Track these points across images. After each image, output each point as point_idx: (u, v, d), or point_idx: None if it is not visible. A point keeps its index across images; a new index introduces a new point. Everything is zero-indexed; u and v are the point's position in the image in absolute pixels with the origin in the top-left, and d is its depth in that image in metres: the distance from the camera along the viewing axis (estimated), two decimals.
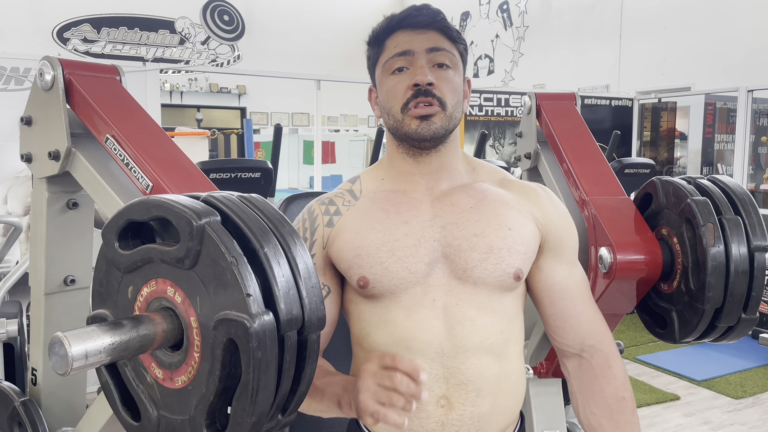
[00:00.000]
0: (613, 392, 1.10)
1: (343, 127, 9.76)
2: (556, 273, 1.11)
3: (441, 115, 1.03)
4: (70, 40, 7.88)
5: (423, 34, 1.04)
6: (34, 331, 1.33)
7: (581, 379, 1.13)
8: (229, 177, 2.83)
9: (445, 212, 1.06)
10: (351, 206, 1.10)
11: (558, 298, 1.11)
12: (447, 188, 1.09)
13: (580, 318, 1.11)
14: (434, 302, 1.03)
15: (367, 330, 1.07)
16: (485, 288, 1.03)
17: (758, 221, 1.26)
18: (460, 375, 1.02)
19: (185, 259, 0.69)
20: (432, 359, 1.02)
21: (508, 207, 1.07)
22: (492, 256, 1.03)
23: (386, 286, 1.03)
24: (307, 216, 1.12)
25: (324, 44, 9.28)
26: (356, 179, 1.15)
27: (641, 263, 1.34)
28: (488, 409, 1.04)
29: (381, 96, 1.08)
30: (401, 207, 1.07)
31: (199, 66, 8.47)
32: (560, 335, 1.13)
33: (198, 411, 0.71)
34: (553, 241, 1.10)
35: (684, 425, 3.21)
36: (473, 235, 1.03)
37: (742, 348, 4.17)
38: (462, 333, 1.03)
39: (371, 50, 1.10)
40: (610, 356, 1.11)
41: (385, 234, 1.04)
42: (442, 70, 1.04)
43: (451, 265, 1.04)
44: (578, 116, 1.68)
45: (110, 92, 1.23)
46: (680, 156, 6.04)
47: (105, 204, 1.17)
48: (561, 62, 7.47)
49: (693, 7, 6.05)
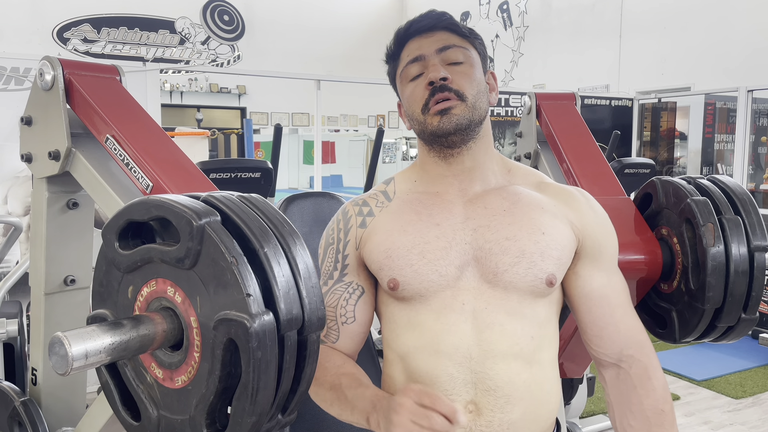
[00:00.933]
0: (653, 405, 1.06)
1: (343, 127, 9.76)
2: (594, 279, 1.07)
3: (461, 106, 1.01)
4: (70, 40, 7.88)
5: (431, 36, 1.05)
6: (34, 331, 1.33)
7: (619, 390, 1.09)
8: (229, 177, 2.83)
9: (478, 215, 1.04)
10: (384, 207, 1.09)
11: (596, 305, 1.07)
12: (480, 190, 1.07)
13: (618, 327, 1.07)
14: (463, 306, 1.01)
15: (397, 332, 1.06)
16: (516, 293, 1.01)
17: (758, 221, 1.26)
18: (488, 381, 1.00)
19: (185, 259, 0.69)
20: (460, 363, 1.01)
21: (542, 211, 1.05)
22: (524, 260, 1.00)
23: (416, 288, 1.02)
24: (341, 217, 1.12)
25: (324, 44, 9.28)
26: (391, 180, 1.15)
27: (641, 263, 1.34)
28: (519, 417, 1.01)
29: (404, 105, 1.08)
30: (433, 209, 1.06)
31: (199, 66, 8.47)
32: (597, 344, 1.09)
33: (198, 411, 0.71)
34: (591, 247, 1.07)
35: (684, 425, 3.21)
36: (505, 239, 1.02)
37: (742, 348, 4.17)
38: (491, 338, 1.01)
39: (390, 67, 1.11)
40: (650, 367, 1.08)
41: (416, 236, 1.03)
42: (457, 66, 1.03)
43: (481, 268, 1.02)
44: (578, 116, 1.68)
45: (110, 92, 1.23)
46: (680, 156, 6.05)
47: (105, 204, 1.17)
48: (561, 62, 7.47)
49: (693, 7, 6.05)
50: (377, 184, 1.16)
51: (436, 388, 1.01)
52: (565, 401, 2.07)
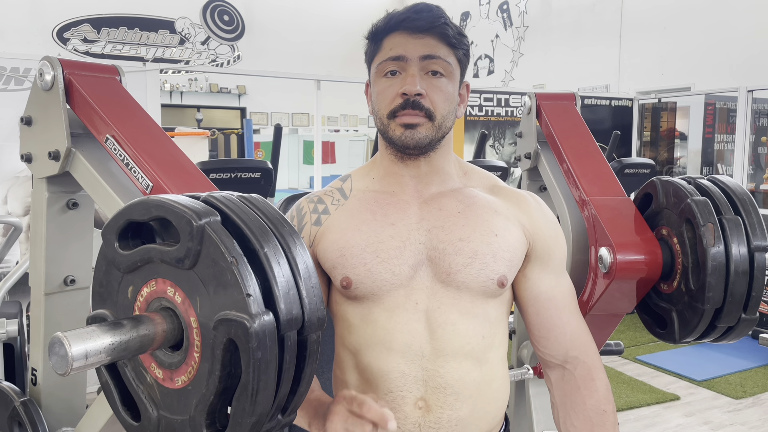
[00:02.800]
0: (595, 405, 1.09)
1: (343, 127, 9.76)
2: (542, 282, 1.10)
3: (427, 125, 1.02)
4: (70, 40, 7.88)
5: (420, 39, 1.02)
6: (34, 331, 1.33)
7: (563, 391, 1.12)
8: (229, 177, 2.83)
9: (432, 216, 1.06)
10: (340, 206, 1.10)
11: (543, 308, 1.10)
12: (436, 192, 1.08)
13: (564, 329, 1.10)
14: (416, 305, 1.03)
15: (349, 330, 1.08)
16: (468, 293, 1.03)
17: (758, 221, 1.26)
18: (438, 378, 1.03)
19: (185, 259, 0.69)
20: (411, 361, 1.03)
21: (495, 213, 1.07)
22: (476, 261, 1.02)
23: (369, 287, 1.03)
24: (295, 213, 1.13)
25: (324, 44, 9.28)
26: (347, 178, 1.15)
27: (641, 263, 1.34)
28: (467, 414, 1.04)
29: (372, 95, 1.08)
30: (388, 209, 1.07)
31: (199, 66, 8.47)
32: (544, 345, 1.12)
33: (198, 411, 0.71)
34: (541, 250, 1.09)
35: (684, 425, 3.21)
36: (458, 240, 1.03)
37: (742, 348, 4.17)
38: (443, 337, 1.03)
39: (369, 45, 1.09)
40: (594, 368, 1.10)
41: (371, 235, 1.04)
42: (435, 78, 1.02)
43: (435, 268, 1.04)
44: (578, 116, 1.68)
45: (110, 92, 1.23)
46: (680, 156, 6.04)
47: (105, 204, 1.17)
48: (561, 62, 7.47)
49: (693, 7, 6.05)
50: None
51: (386, 384, 1.03)
52: None
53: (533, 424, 1.68)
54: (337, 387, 1.13)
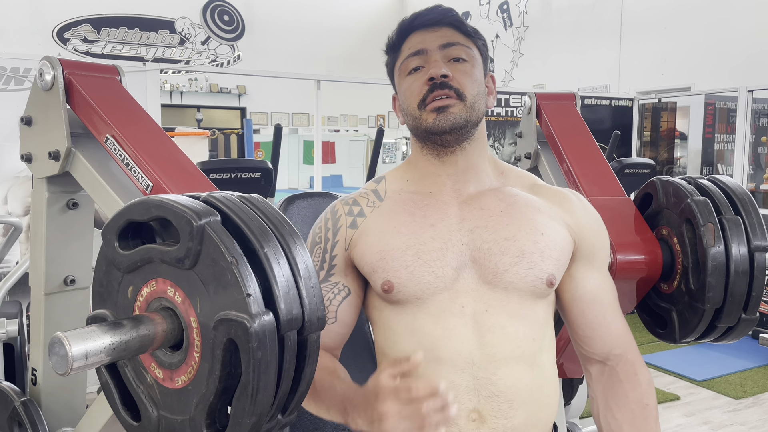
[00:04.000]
0: (638, 398, 1.06)
1: (343, 127, 9.76)
2: (588, 282, 1.07)
3: (459, 105, 0.99)
4: (70, 40, 7.88)
5: (436, 31, 1.02)
6: (34, 331, 1.33)
7: (604, 384, 1.09)
8: (229, 177, 2.83)
9: (474, 215, 1.02)
10: (375, 208, 1.07)
11: (589, 308, 1.07)
12: (475, 191, 1.05)
13: (609, 327, 1.08)
14: (463, 309, 0.99)
15: (393, 339, 1.03)
16: (516, 294, 0.99)
17: (758, 221, 1.26)
18: (491, 386, 0.98)
19: (185, 259, 0.69)
20: (462, 370, 0.98)
21: (539, 212, 1.04)
22: (524, 260, 0.99)
23: (412, 291, 0.99)
24: (330, 216, 1.09)
25: (324, 44, 9.27)
26: (381, 179, 1.12)
27: (641, 263, 1.34)
28: (522, 422, 1.00)
29: (400, 98, 1.06)
30: (427, 210, 1.03)
31: (199, 66, 8.46)
32: (588, 344, 1.09)
33: (198, 411, 0.71)
34: (586, 249, 1.06)
35: (684, 425, 3.21)
36: (504, 239, 1.00)
37: (742, 348, 4.17)
38: (492, 341, 0.98)
39: (389, 58, 1.08)
40: (636, 364, 1.08)
41: (411, 237, 1.01)
42: (459, 64, 1.01)
43: (480, 269, 1.00)
44: (578, 116, 1.68)
45: (110, 92, 1.23)
46: (680, 156, 6.04)
47: (105, 204, 1.17)
48: (561, 62, 7.47)
49: (693, 7, 6.05)
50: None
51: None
52: (565, 401, 2.07)
53: None
54: None
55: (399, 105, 1.08)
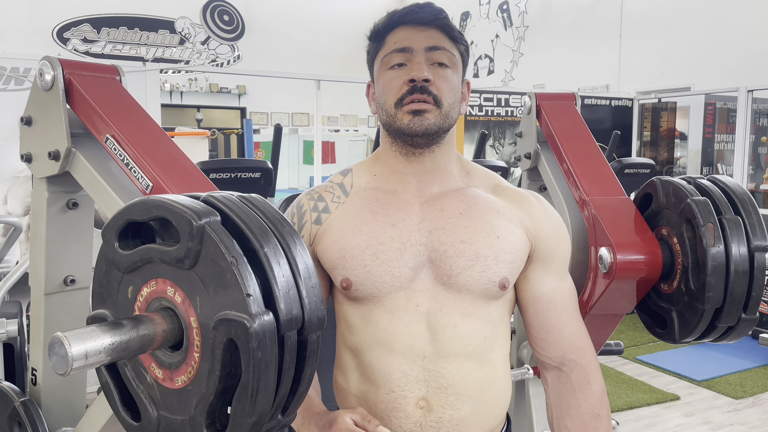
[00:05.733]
0: (590, 409, 1.08)
1: (343, 127, 9.76)
2: (544, 284, 1.09)
3: (435, 112, 1.01)
4: (70, 40, 7.88)
5: (424, 31, 1.03)
6: (34, 331, 1.33)
7: (558, 392, 1.12)
8: (229, 177, 2.83)
9: (434, 216, 1.05)
10: (340, 204, 1.09)
11: (543, 309, 1.10)
12: (438, 192, 1.07)
13: (563, 331, 1.10)
14: (417, 307, 1.03)
15: (351, 330, 1.07)
16: (470, 295, 1.03)
17: (758, 221, 1.26)
18: (440, 378, 1.02)
19: (185, 259, 0.69)
20: (413, 362, 1.02)
21: (498, 214, 1.06)
22: (478, 263, 1.02)
23: (369, 289, 1.03)
24: (296, 211, 1.12)
25: (324, 44, 9.28)
26: (348, 172, 1.14)
27: (641, 263, 1.34)
28: (469, 413, 1.03)
29: (377, 90, 1.07)
30: (390, 209, 1.06)
31: (199, 66, 8.47)
32: (542, 347, 1.11)
33: (198, 411, 0.71)
34: (543, 251, 1.08)
35: (684, 425, 3.21)
36: (460, 242, 1.02)
37: (742, 348, 4.17)
38: (444, 338, 1.02)
39: (371, 45, 1.09)
40: (590, 371, 1.10)
41: (371, 236, 1.03)
42: (441, 69, 1.03)
43: (436, 270, 1.03)
44: (578, 116, 1.68)
45: (110, 92, 1.23)
46: (680, 156, 6.04)
47: (105, 204, 1.17)
48: (561, 62, 7.47)
49: (693, 7, 6.05)
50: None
51: (388, 384, 1.03)
52: None
53: (533, 424, 1.68)
54: (338, 387, 1.13)
55: (374, 95, 1.09)
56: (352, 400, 1.08)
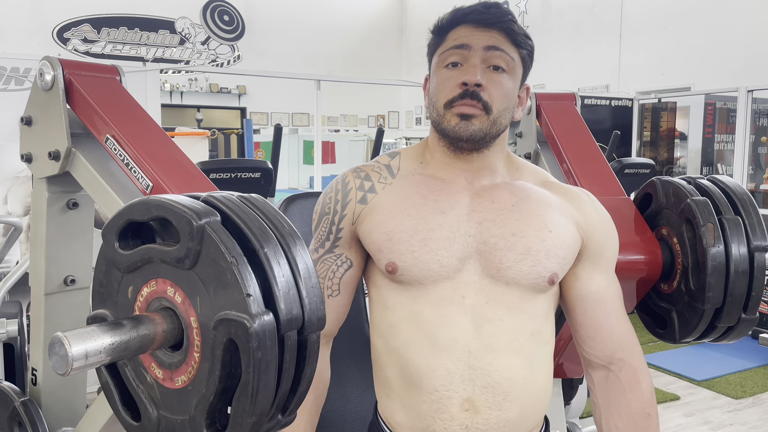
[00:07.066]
0: (640, 408, 1.05)
1: (343, 127, 9.76)
2: (593, 282, 1.06)
3: (483, 118, 0.99)
4: (70, 40, 7.88)
5: (485, 32, 1.00)
6: (34, 331, 1.33)
7: (607, 392, 1.08)
8: (229, 177, 2.83)
9: (484, 208, 1.02)
10: (387, 185, 1.06)
11: (591, 308, 1.06)
12: (488, 184, 1.05)
13: (612, 330, 1.06)
14: (463, 299, 0.99)
15: (390, 319, 1.03)
16: (517, 288, 1.00)
17: (758, 221, 1.26)
18: (487, 377, 0.98)
19: (185, 259, 0.69)
20: (458, 358, 0.98)
21: (550, 208, 1.03)
22: (529, 257, 0.99)
23: (415, 276, 0.99)
24: (341, 187, 1.08)
25: (324, 44, 9.28)
26: (396, 155, 1.11)
27: (641, 263, 1.34)
28: (516, 414, 1.00)
29: (431, 86, 1.05)
30: (439, 195, 1.03)
31: (199, 66, 8.47)
32: (590, 346, 1.08)
33: (198, 411, 0.71)
34: (593, 249, 1.05)
35: (684, 425, 3.21)
36: (511, 234, 1.00)
37: (742, 348, 4.17)
38: (490, 332, 0.99)
39: (433, 39, 1.06)
40: (639, 371, 1.07)
41: (420, 222, 1.00)
42: (496, 73, 1.00)
43: (484, 262, 1.00)
44: (578, 116, 1.68)
45: (110, 92, 1.23)
46: (680, 156, 6.04)
47: (105, 204, 1.17)
48: (561, 62, 7.47)
49: (693, 7, 6.05)
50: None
51: (431, 382, 0.99)
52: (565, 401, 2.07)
53: None
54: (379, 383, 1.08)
55: (429, 91, 1.07)
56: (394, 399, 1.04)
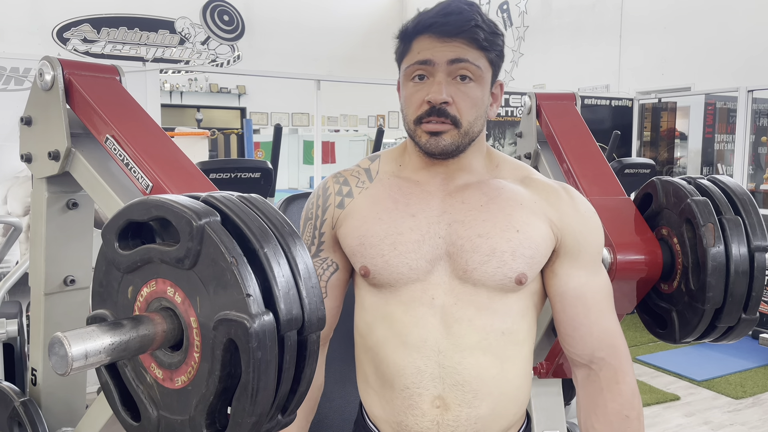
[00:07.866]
0: (617, 409, 1.05)
1: (343, 127, 9.76)
2: (572, 279, 1.05)
3: (453, 132, 1.00)
4: (70, 40, 7.88)
5: (448, 43, 0.99)
6: (34, 331, 1.33)
7: (587, 391, 1.08)
8: (229, 177, 2.83)
9: (455, 209, 1.04)
10: (363, 189, 1.09)
11: (570, 305, 1.06)
12: (462, 183, 1.06)
13: (591, 329, 1.06)
14: (433, 300, 1.02)
15: (366, 319, 1.08)
16: (485, 289, 1.01)
17: (758, 221, 1.26)
18: (456, 375, 1.00)
19: (185, 259, 0.69)
20: (427, 357, 1.01)
21: (521, 206, 1.03)
22: (494, 259, 1.00)
23: (386, 279, 1.03)
24: (321, 193, 1.12)
25: (324, 44, 9.27)
26: (376, 158, 1.14)
27: (641, 263, 1.34)
28: (487, 412, 1.01)
29: (401, 98, 1.06)
30: (411, 198, 1.05)
31: (199, 66, 8.46)
32: (569, 343, 1.08)
33: (198, 411, 0.70)
34: (570, 246, 1.05)
35: (684, 425, 3.21)
36: (477, 236, 1.01)
37: (742, 348, 4.17)
38: (459, 332, 1.01)
39: (399, 45, 1.06)
40: (620, 371, 1.06)
41: (390, 226, 1.03)
42: (463, 84, 1.00)
43: (453, 264, 1.02)
44: (578, 116, 1.68)
45: (110, 92, 1.23)
46: (680, 156, 6.04)
47: (105, 204, 1.17)
48: (561, 62, 7.47)
49: (693, 7, 6.05)
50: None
51: (402, 380, 1.02)
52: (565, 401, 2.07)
53: (533, 424, 1.68)
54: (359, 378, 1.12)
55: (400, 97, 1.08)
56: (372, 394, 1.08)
